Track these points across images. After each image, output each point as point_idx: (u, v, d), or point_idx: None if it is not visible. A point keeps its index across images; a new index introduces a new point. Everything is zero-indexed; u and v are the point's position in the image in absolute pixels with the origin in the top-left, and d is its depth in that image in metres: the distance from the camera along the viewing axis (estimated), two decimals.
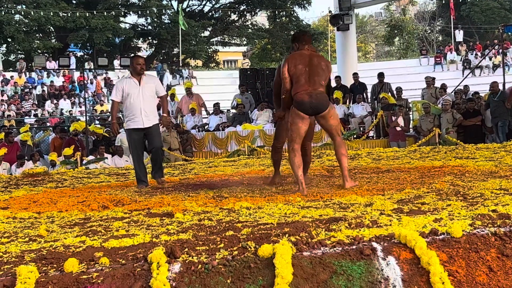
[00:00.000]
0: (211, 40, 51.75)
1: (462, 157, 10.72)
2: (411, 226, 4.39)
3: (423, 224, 4.48)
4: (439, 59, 37.86)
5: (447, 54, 38.21)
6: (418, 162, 10.26)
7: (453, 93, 18.69)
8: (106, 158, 15.40)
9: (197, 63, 52.02)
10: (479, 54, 37.55)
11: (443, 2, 49.23)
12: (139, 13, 45.51)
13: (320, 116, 7.39)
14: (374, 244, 3.99)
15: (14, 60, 44.21)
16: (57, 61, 27.87)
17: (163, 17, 46.76)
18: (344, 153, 7.35)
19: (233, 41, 54.37)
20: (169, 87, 34.42)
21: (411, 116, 17.75)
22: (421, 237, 3.98)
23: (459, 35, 43.28)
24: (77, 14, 41.06)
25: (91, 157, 15.37)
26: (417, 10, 61.20)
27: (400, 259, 3.89)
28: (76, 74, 34.56)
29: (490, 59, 35.82)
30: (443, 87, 18.63)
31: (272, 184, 8.18)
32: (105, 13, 42.21)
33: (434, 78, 18.81)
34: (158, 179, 9.51)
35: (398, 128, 16.19)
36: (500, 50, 32.62)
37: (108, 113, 28.91)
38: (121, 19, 46.73)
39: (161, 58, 50.45)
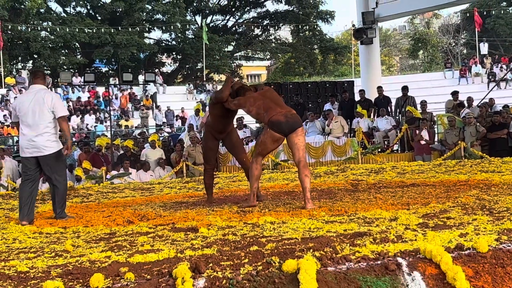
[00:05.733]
0: (235, 54, 51.91)
1: (488, 171, 10.63)
2: (437, 241, 4.36)
3: (448, 239, 4.45)
4: (463, 72, 37.59)
5: (472, 67, 37.91)
6: (443, 176, 10.20)
7: (477, 107, 18.53)
8: (130, 173, 15.46)
9: (221, 78, 52.17)
10: (504, 67, 37.21)
11: (468, 15, 48.97)
12: (163, 28, 45.78)
13: (294, 133, 7.51)
14: (399, 259, 3.98)
15: None
16: (82, 77, 28.15)
17: (187, 32, 47.01)
18: (308, 175, 7.42)
19: (257, 56, 54.44)
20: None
21: (436, 129, 17.63)
22: (447, 252, 3.96)
23: (484, 48, 42.95)
24: (102, 30, 41.47)
25: (114, 172, 15.44)
26: (441, 23, 60.89)
27: (425, 274, 3.87)
28: (101, 90, 34.85)
29: None
30: (470, 100, 18.52)
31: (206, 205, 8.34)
32: (130, 29, 42.56)
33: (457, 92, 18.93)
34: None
35: (423, 142, 16.08)
36: None
37: (134, 128, 29.07)
38: (146, 34, 47.08)
39: (185, 73, 50.72)
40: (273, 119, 7.49)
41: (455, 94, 18.82)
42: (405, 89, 19.13)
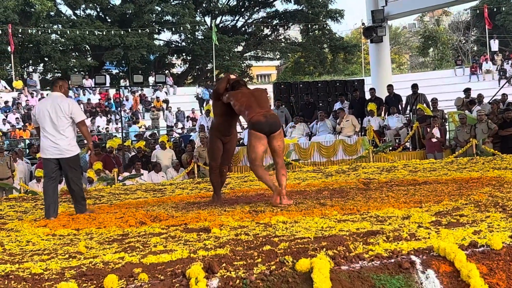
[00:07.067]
0: (245, 55, 51.90)
1: (500, 168, 10.58)
2: (450, 239, 4.35)
3: (462, 236, 4.44)
4: (474, 69, 37.40)
5: (483, 64, 37.73)
6: (456, 174, 10.16)
7: (488, 103, 18.47)
8: (142, 174, 15.49)
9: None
10: None
11: (478, 12, 48.77)
12: (173, 30, 45.86)
13: (272, 136, 7.83)
14: (413, 257, 3.97)
15: (51, 78, 44.85)
16: (93, 79, 28.25)
17: (196, 33, 47.05)
18: (284, 174, 7.97)
19: (266, 56, 54.44)
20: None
21: (447, 127, 17.58)
22: (461, 250, 3.95)
23: (495, 45, 42.73)
24: (112, 33, 41.58)
25: (126, 174, 15.48)
26: (451, 20, 60.68)
27: (439, 272, 3.86)
28: (112, 92, 34.94)
29: None
30: (480, 97, 18.46)
31: (217, 204, 8.36)
32: (140, 31, 42.65)
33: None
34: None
35: (434, 140, 16.03)
36: None
37: (145, 129, 29.13)
38: (155, 36, 47.19)
39: (195, 73, 50.78)
40: (253, 120, 7.78)
41: (467, 91, 18.80)
42: (414, 87, 19.10)
